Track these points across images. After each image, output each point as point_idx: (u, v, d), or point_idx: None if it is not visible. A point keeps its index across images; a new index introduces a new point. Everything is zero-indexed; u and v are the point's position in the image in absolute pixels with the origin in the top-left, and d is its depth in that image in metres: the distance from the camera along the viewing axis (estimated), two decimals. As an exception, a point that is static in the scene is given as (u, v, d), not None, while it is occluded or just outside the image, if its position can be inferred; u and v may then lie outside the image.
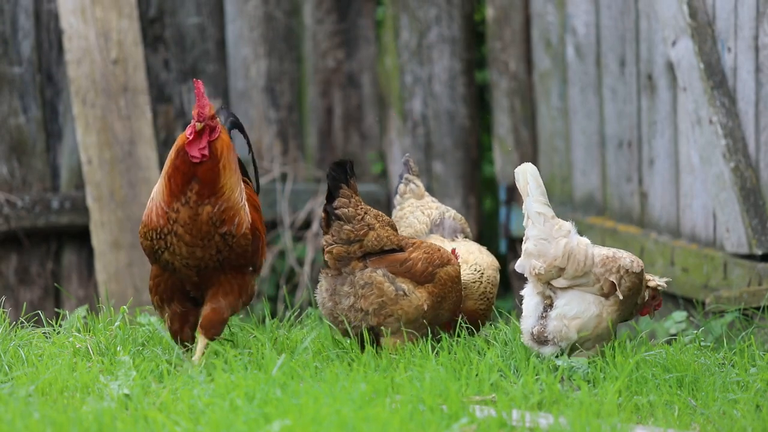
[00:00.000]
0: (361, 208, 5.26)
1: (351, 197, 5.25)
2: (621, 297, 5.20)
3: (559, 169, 7.64)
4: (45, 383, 4.71)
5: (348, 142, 8.13)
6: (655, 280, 5.39)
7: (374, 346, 5.21)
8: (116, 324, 5.30)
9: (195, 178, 4.97)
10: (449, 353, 5.12)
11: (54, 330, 5.41)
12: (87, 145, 7.42)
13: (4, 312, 5.41)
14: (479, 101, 8.19)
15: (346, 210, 5.23)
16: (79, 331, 5.35)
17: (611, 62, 7.21)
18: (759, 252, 6.24)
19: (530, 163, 5.29)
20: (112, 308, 5.52)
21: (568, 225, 5.25)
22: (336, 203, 5.23)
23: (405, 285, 5.24)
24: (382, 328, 5.21)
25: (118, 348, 5.11)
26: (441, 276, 5.32)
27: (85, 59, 7.42)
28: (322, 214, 5.28)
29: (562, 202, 7.57)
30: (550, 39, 7.63)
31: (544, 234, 5.22)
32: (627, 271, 5.22)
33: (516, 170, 5.28)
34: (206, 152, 4.96)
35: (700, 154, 6.50)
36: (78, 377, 4.79)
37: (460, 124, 8.05)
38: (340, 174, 5.23)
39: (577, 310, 5.21)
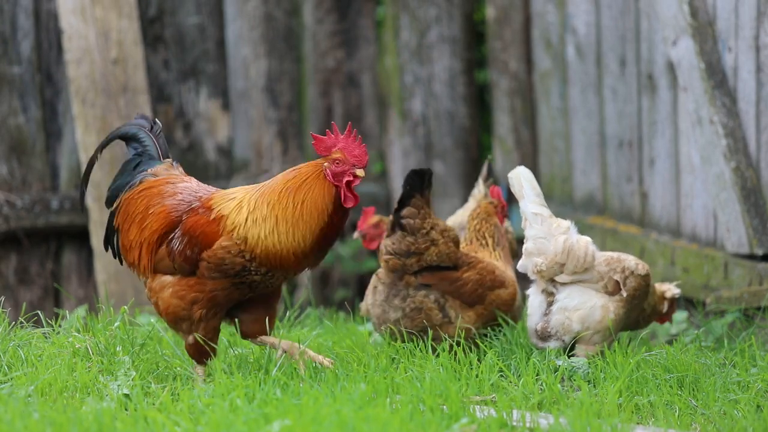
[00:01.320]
0: (429, 222, 5.24)
1: (421, 209, 5.23)
2: (625, 294, 5.23)
3: (559, 169, 7.64)
4: (44, 383, 4.70)
5: (348, 142, 8.12)
6: (671, 290, 5.47)
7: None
8: (116, 324, 5.29)
9: (338, 229, 4.83)
10: (449, 353, 5.12)
11: (53, 330, 5.40)
12: (87, 145, 7.42)
13: (3, 312, 5.40)
14: (479, 101, 8.18)
15: (412, 221, 5.23)
16: (78, 331, 5.34)
17: (612, 62, 7.21)
18: (759, 252, 6.23)
19: (523, 166, 5.33)
20: (111, 308, 5.51)
21: (566, 223, 5.30)
22: (403, 212, 5.22)
23: (452, 310, 5.25)
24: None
25: (118, 348, 5.11)
26: (492, 298, 5.33)
27: (85, 59, 7.42)
28: (391, 218, 5.27)
29: (563, 202, 7.57)
30: (551, 39, 7.62)
31: (543, 233, 5.26)
32: (632, 272, 5.26)
33: (509, 174, 5.33)
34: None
35: (701, 154, 6.49)
36: (77, 377, 4.78)
37: (461, 124, 8.05)
38: (417, 183, 5.21)
39: (578, 301, 5.24)
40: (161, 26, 7.72)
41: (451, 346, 5.23)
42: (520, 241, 5.49)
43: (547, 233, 5.27)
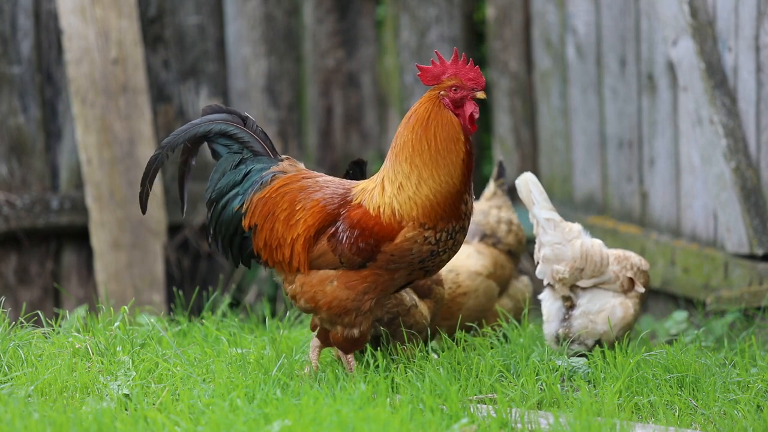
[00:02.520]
0: None
1: None
2: (642, 290, 5.27)
3: (559, 169, 7.64)
4: (44, 383, 4.70)
5: (348, 141, 8.12)
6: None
7: (376, 347, 5.21)
8: (116, 324, 5.29)
9: (473, 159, 4.65)
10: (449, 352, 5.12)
11: (53, 330, 5.40)
12: (87, 145, 7.42)
13: (3, 312, 5.40)
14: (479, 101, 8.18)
15: None
16: (78, 331, 5.34)
17: (612, 62, 7.21)
18: (760, 252, 6.23)
19: (530, 173, 5.34)
20: (111, 308, 5.51)
21: (577, 226, 5.30)
22: None
23: (414, 296, 5.23)
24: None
25: (118, 348, 5.10)
26: (436, 293, 5.31)
27: (85, 59, 7.42)
28: None
29: (563, 202, 7.57)
30: (551, 38, 7.62)
31: (558, 238, 5.27)
32: (639, 268, 5.30)
33: (516, 181, 5.33)
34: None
35: (701, 154, 6.49)
36: (77, 377, 4.78)
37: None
38: (357, 173, 5.13)
39: (600, 304, 5.27)
40: (161, 26, 7.72)
41: (450, 347, 5.22)
42: (530, 241, 5.49)
43: (562, 239, 5.27)
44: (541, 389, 4.73)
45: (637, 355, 5.05)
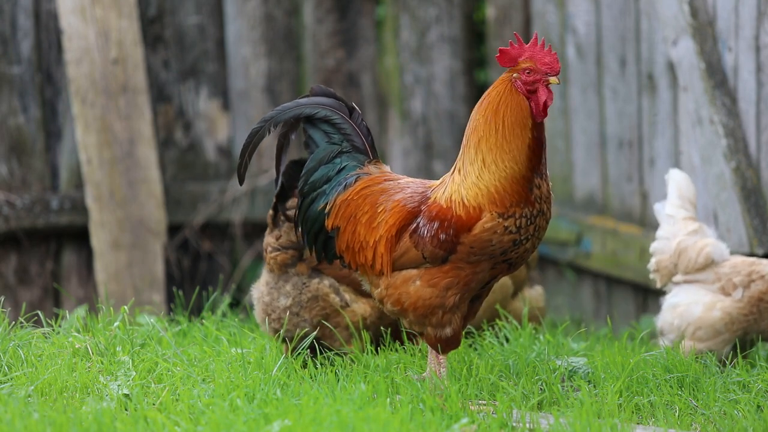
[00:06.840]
0: None
1: None
2: (740, 296, 5.26)
3: (559, 168, 7.64)
4: (44, 383, 4.70)
5: (348, 142, 8.12)
6: None
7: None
8: (116, 324, 5.29)
9: (543, 145, 4.54)
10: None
11: (53, 330, 5.40)
12: (86, 145, 7.42)
13: (3, 312, 5.40)
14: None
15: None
16: (78, 331, 5.34)
17: (612, 62, 7.21)
18: (760, 252, 6.23)
19: (677, 170, 5.54)
20: (111, 308, 5.51)
21: (695, 225, 5.41)
22: (289, 203, 4.98)
23: (347, 294, 5.10)
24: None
25: (118, 348, 5.10)
26: None
27: (85, 59, 7.42)
28: (270, 212, 5.02)
29: (563, 202, 7.57)
30: (551, 38, 7.62)
31: (669, 234, 5.47)
32: (762, 276, 5.27)
33: (666, 176, 5.56)
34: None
35: (701, 154, 6.49)
36: (77, 377, 4.78)
37: (461, 124, 8.05)
38: (297, 173, 4.85)
39: (681, 298, 5.32)
40: (161, 26, 7.72)
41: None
42: None
43: (672, 234, 5.43)
44: (541, 389, 4.73)
45: (637, 355, 5.05)
